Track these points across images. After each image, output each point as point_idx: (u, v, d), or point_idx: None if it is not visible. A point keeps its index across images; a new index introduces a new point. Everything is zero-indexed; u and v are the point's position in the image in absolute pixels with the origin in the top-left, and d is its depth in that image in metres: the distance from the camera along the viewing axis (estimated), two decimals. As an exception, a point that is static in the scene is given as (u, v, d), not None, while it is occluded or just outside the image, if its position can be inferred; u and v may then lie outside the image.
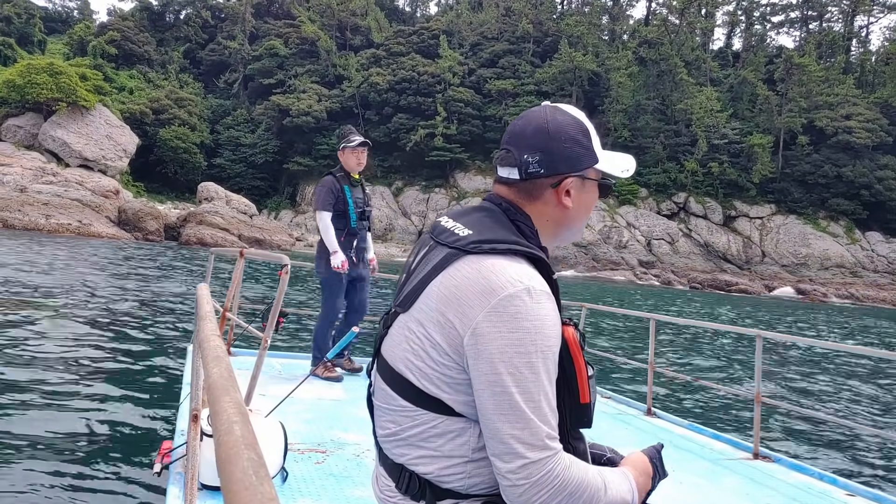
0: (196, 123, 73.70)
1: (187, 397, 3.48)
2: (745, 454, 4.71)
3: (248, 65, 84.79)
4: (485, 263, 1.34)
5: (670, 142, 68.20)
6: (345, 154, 5.67)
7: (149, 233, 45.23)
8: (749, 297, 47.51)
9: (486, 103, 73.83)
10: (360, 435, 4.00)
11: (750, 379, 11.48)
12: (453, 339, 1.33)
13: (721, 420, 8.51)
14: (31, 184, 45.77)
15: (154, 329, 10.66)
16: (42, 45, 77.03)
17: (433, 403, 1.37)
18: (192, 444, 1.83)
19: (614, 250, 61.56)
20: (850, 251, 61.24)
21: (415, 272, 1.49)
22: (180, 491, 2.71)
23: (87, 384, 6.68)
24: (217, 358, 1.19)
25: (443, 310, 1.35)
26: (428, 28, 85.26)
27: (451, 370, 1.35)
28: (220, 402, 0.90)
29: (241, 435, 0.76)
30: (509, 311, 1.28)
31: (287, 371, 5.57)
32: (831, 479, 4.24)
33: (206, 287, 2.67)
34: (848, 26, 79.54)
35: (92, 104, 57.56)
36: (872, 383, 13.42)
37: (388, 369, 1.45)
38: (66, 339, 8.79)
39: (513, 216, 1.47)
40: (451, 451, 1.38)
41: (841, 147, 63.72)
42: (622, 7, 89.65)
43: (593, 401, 1.44)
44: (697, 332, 18.65)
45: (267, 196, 75.04)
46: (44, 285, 14.31)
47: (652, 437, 4.89)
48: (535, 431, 1.27)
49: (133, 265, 23.11)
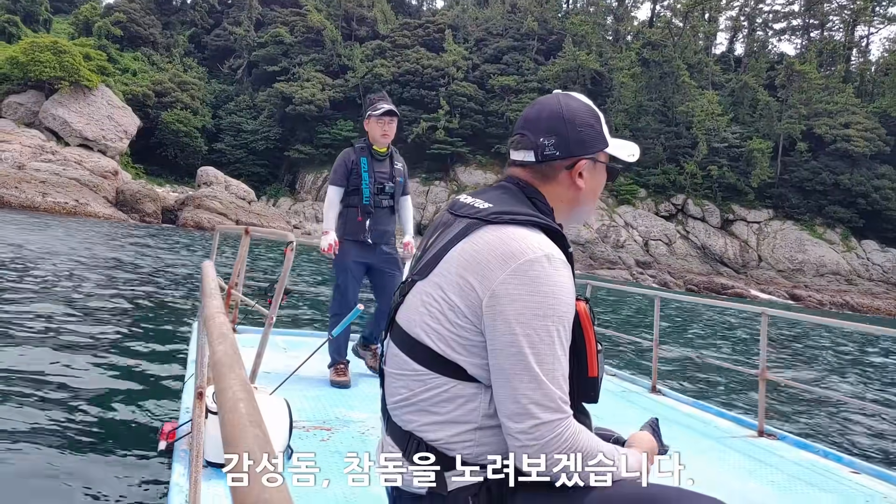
0: (198, 108, 73.51)
1: (192, 375, 3.50)
2: (749, 432, 4.72)
3: (252, 51, 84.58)
4: (506, 231, 1.39)
5: (671, 143, 68.27)
6: (370, 123, 5.09)
7: (146, 215, 45.17)
8: (744, 301, 47.68)
9: (488, 99, 73.75)
10: (364, 412, 4.02)
11: (755, 356, 11.54)
12: (472, 302, 1.37)
13: (726, 398, 8.57)
14: (29, 161, 45.64)
15: (158, 307, 10.61)
16: (48, 24, 76.71)
17: (447, 367, 1.40)
18: (196, 421, 1.85)
19: (612, 249, 61.64)
20: (846, 259, 61.36)
21: (433, 245, 1.54)
22: (185, 468, 2.71)
23: (91, 363, 6.63)
24: (222, 335, 1.19)
25: (463, 273, 1.38)
26: (434, 22, 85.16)
27: (469, 332, 1.38)
28: (225, 379, 0.89)
29: (246, 412, 0.75)
30: (529, 274, 1.33)
31: (292, 348, 5.53)
32: (836, 456, 4.25)
33: (211, 264, 2.68)
34: (849, 36, 79.55)
35: (94, 84, 57.38)
36: (877, 362, 13.52)
37: (404, 335, 1.48)
38: (67, 318, 8.74)
39: (530, 193, 1.53)
40: (461, 416, 1.39)
41: (839, 155, 63.81)
42: (627, 8, 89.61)
43: (601, 376, 1.49)
44: (703, 311, 18.61)
45: (266, 183, 74.87)
46: (44, 264, 14.27)
47: (657, 415, 4.86)
48: (548, 393, 1.30)
49: (134, 246, 23.15)
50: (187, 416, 3.14)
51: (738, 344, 14.04)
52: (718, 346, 13.54)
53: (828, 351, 14.61)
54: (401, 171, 5.32)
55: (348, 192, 5.04)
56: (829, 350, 14.86)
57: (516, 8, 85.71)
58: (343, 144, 38.13)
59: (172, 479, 2.69)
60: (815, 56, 74.25)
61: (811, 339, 16.48)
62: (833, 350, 14.94)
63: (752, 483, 3.67)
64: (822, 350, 14.82)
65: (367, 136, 5.15)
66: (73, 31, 74.45)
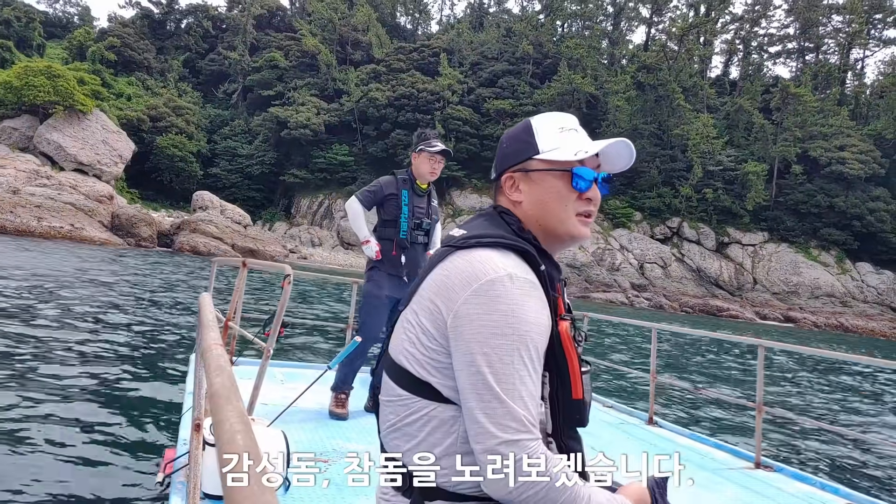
0: (193, 132, 73.75)
1: (190, 407, 3.51)
2: (746, 463, 4.73)
3: (247, 76, 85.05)
4: (473, 254, 1.40)
5: (666, 167, 68.57)
6: (420, 157, 4.88)
7: (142, 239, 44.99)
8: (739, 323, 47.58)
9: (484, 122, 74.13)
10: (362, 444, 4.01)
11: (752, 389, 11.52)
12: (439, 324, 1.38)
13: (723, 429, 8.57)
14: (24, 186, 45.52)
15: (156, 338, 10.60)
16: (41, 49, 76.98)
17: (424, 389, 1.41)
18: (194, 453, 1.84)
19: (607, 272, 61.62)
20: (841, 281, 61.49)
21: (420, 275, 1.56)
22: (182, 500, 2.73)
23: (90, 393, 6.66)
24: (219, 367, 1.20)
25: (433, 297, 1.41)
26: (429, 46, 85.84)
27: (439, 354, 1.39)
28: (222, 411, 0.90)
29: (243, 444, 0.76)
30: (489, 294, 1.33)
31: (290, 380, 5.55)
32: (833, 488, 4.26)
33: (208, 296, 2.66)
34: (844, 59, 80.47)
35: (89, 109, 57.48)
36: (873, 394, 13.45)
37: (391, 363, 1.50)
38: (66, 348, 8.71)
39: (503, 214, 1.55)
40: (440, 440, 1.38)
41: (834, 177, 64.21)
42: (622, 32, 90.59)
43: (588, 398, 1.45)
44: (699, 343, 18.68)
45: (262, 207, 74.93)
46: (41, 292, 14.12)
47: (653, 446, 4.99)
48: (510, 412, 1.28)
49: (132, 272, 22.95)
50: (185, 448, 3.18)
51: (735, 374, 13.96)
52: (715, 376, 13.47)
53: (824, 381, 14.51)
54: (436, 210, 5.16)
55: (384, 223, 4.88)
56: (826, 380, 14.77)
57: (511, 32, 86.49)
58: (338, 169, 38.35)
59: None
60: (811, 79, 75.01)
61: (807, 368, 16.38)
62: (829, 379, 14.84)
63: None
64: (819, 380, 14.71)
65: (411, 169, 4.96)
66: (66, 56, 74.75)
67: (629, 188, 66.47)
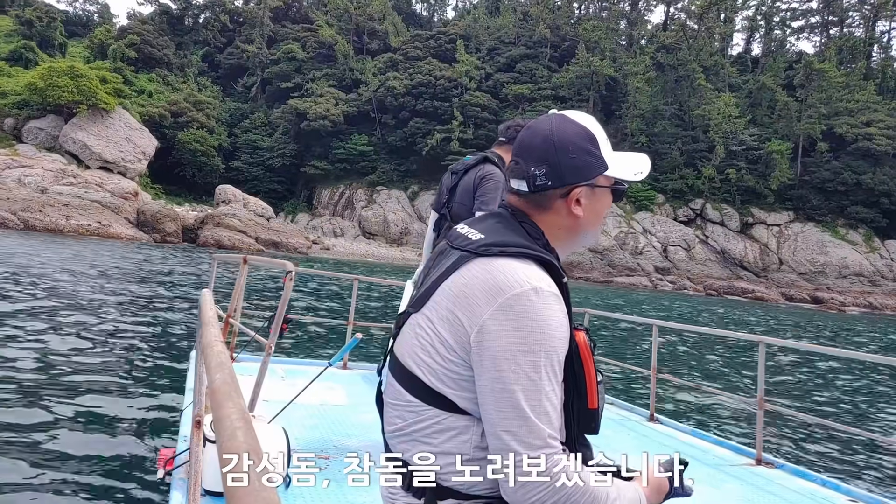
0: (214, 126, 74.31)
1: (190, 403, 3.51)
2: (747, 460, 4.73)
3: (265, 68, 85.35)
4: (494, 264, 1.36)
5: (687, 147, 67.79)
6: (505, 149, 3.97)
7: (167, 234, 45.58)
8: (765, 305, 47.13)
9: (502, 108, 73.75)
10: (363, 440, 4.03)
11: (753, 385, 11.44)
12: (460, 337, 1.35)
13: (724, 426, 8.53)
14: (51, 185, 46.39)
15: (159, 334, 10.68)
16: (63, 48, 77.85)
17: (438, 399, 1.39)
18: (195, 449, 1.82)
19: (630, 256, 61.27)
20: (869, 260, 60.54)
21: (429, 277, 1.52)
22: (183, 496, 2.73)
23: (91, 389, 6.67)
24: (220, 364, 1.19)
25: (452, 308, 1.37)
26: (445, 32, 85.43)
27: (458, 367, 1.36)
28: (223, 407, 0.89)
29: (244, 441, 0.75)
30: (516, 309, 1.30)
31: (291, 377, 5.56)
32: (834, 485, 4.26)
33: (209, 293, 2.67)
34: (869, 32, 78.65)
35: (112, 107, 58.22)
36: (875, 389, 13.32)
37: (398, 366, 1.47)
38: (70, 342, 8.80)
39: (522, 220, 1.49)
40: (453, 448, 1.38)
41: (861, 154, 63.00)
42: (640, 12, 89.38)
43: (601, 407, 1.45)
44: (700, 338, 18.56)
45: (284, 199, 75.43)
46: (53, 287, 14.39)
47: (654, 443, 5.00)
48: (535, 430, 1.28)
49: (145, 267, 23.28)
50: (185, 445, 3.18)
51: (737, 371, 13.88)
52: (717, 373, 13.38)
53: (827, 377, 14.39)
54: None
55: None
56: (829, 376, 14.64)
57: (528, 16, 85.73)
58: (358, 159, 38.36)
59: None
60: (835, 54, 73.50)
61: (809, 364, 16.24)
62: (832, 376, 14.71)
63: None
64: (822, 376, 14.59)
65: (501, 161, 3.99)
66: (88, 55, 75.55)
67: (651, 170, 64.26)
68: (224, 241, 45.26)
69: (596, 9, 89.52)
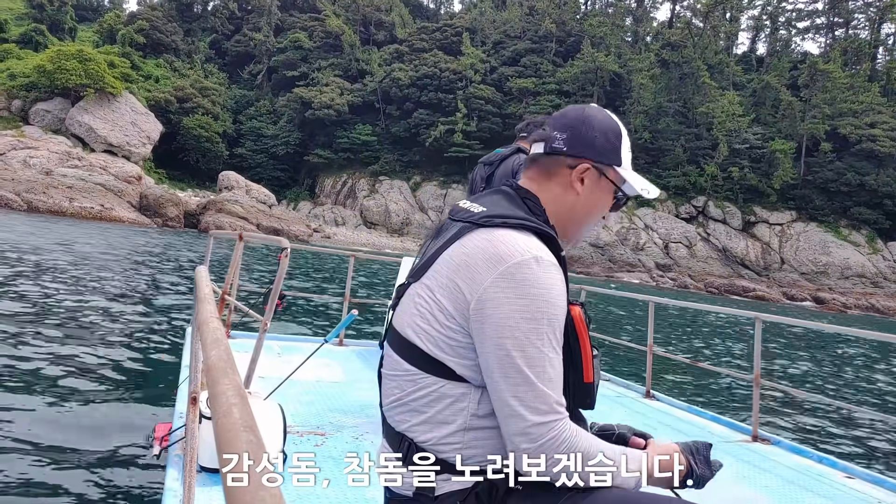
0: (219, 113, 74.48)
1: (186, 380, 3.48)
2: (744, 437, 4.73)
3: (272, 57, 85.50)
4: (495, 234, 1.38)
5: (691, 145, 67.77)
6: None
7: (169, 219, 45.77)
8: (766, 305, 47.18)
9: (506, 101, 73.83)
10: (359, 417, 4.05)
11: (748, 362, 11.53)
12: (460, 304, 1.36)
13: (720, 403, 8.54)
14: (56, 167, 46.57)
15: (155, 312, 10.66)
16: (73, 32, 78.05)
17: (436, 366, 1.39)
18: (190, 426, 1.83)
19: (631, 252, 61.35)
20: (872, 261, 60.47)
21: (428, 249, 1.54)
22: (179, 473, 2.72)
23: (85, 366, 6.62)
24: (216, 340, 1.21)
25: (452, 276, 1.38)
26: (451, 25, 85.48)
27: (457, 334, 1.37)
28: (218, 384, 0.89)
29: (239, 417, 0.75)
30: (517, 277, 1.31)
31: (286, 353, 5.54)
32: (830, 461, 4.26)
33: (204, 269, 2.66)
34: (875, 33, 78.43)
35: (119, 91, 58.39)
36: (871, 367, 13.45)
37: (397, 336, 1.48)
38: (66, 319, 8.81)
39: (524, 195, 1.52)
40: (450, 416, 1.38)
41: (864, 155, 62.90)
42: (646, 9, 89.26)
43: (597, 381, 1.46)
44: (697, 316, 18.56)
45: (287, 187, 75.63)
46: (52, 266, 14.46)
47: (651, 420, 4.98)
48: (541, 395, 1.30)
49: (145, 249, 23.43)
50: (181, 422, 3.17)
51: (734, 348, 13.98)
52: (714, 350, 13.49)
53: (824, 354, 14.52)
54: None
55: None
56: (825, 353, 14.76)
57: (534, 10, 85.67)
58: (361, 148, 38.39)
59: (167, 484, 2.72)
60: (840, 55, 73.31)
61: (807, 342, 16.36)
62: (829, 354, 14.84)
63: (746, 488, 3.67)
64: (818, 353, 14.71)
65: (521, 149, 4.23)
66: (97, 39, 75.74)
67: (654, 167, 65.77)
68: (226, 226, 45.38)
69: (602, 5, 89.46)
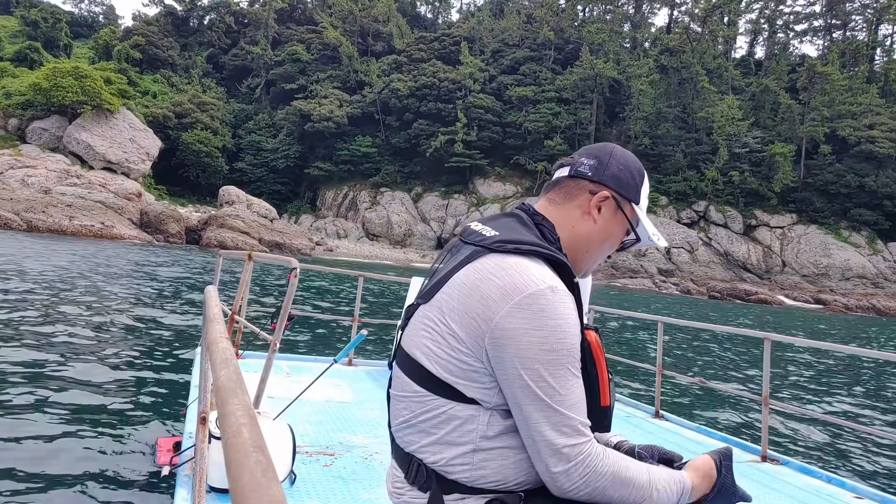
0: (218, 128, 74.49)
1: (195, 400, 3.47)
2: (753, 457, 4.71)
3: (270, 70, 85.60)
4: (508, 261, 1.37)
5: (691, 150, 67.81)
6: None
7: (170, 235, 45.69)
8: (768, 307, 47.08)
9: (506, 110, 73.89)
10: (368, 437, 4.01)
11: (758, 382, 11.43)
12: (472, 331, 1.35)
13: (729, 423, 8.50)
14: (55, 186, 46.48)
15: (163, 331, 10.68)
16: (68, 49, 78.20)
17: (445, 389, 1.38)
18: (200, 446, 1.83)
19: (633, 258, 61.31)
20: (872, 262, 60.50)
21: (439, 270, 1.53)
22: (188, 493, 2.70)
23: (95, 386, 6.66)
24: (225, 360, 1.19)
25: (465, 301, 1.37)
26: (449, 35, 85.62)
27: (469, 358, 1.36)
28: (228, 404, 0.90)
29: (249, 437, 0.76)
30: (533, 308, 1.30)
31: (296, 373, 5.54)
32: (839, 481, 4.23)
33: (214, 289, 2.67)
34: (872, 35, 78.66)
35: (116, 107, 58.39)
36: (880, 386, 13.32)
37: (406, 357, 1.48)
38: (75, 339, 8.81)
39: (538, 221, 1.52)
40: (459, 438, 1.38)
41: (864, 157, 63.03)
42: (644, 15, 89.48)
43: (612, 404, 1.48)
44: (706, 336, 18.53)
45: (287, 200, 75.59)
46: (57, 286, 14.40)
47: (661, 440, 4.88)
48: (567, 420, 1.31)
49: (148, 267, 23.34)
50: (190, 442, 3.18)
51: (743, 368, 13.87)
52: (723, 369, 13.38)
53: (833, 373, 14.38)
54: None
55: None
56: (834, 372, 14.62)
57: (532, 18, 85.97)
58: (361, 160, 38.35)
59: None
60: (838, 57, 73.49)
61: (816, 360, 16.21)
62: (838, 372, 14.70)
63: None
64: (827, 372, 14.57)
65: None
66: (93, 56, 75.84)
67: (654, 172, 65.82)
68: (227, 242, 45.38)
69: (600, 11, 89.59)
